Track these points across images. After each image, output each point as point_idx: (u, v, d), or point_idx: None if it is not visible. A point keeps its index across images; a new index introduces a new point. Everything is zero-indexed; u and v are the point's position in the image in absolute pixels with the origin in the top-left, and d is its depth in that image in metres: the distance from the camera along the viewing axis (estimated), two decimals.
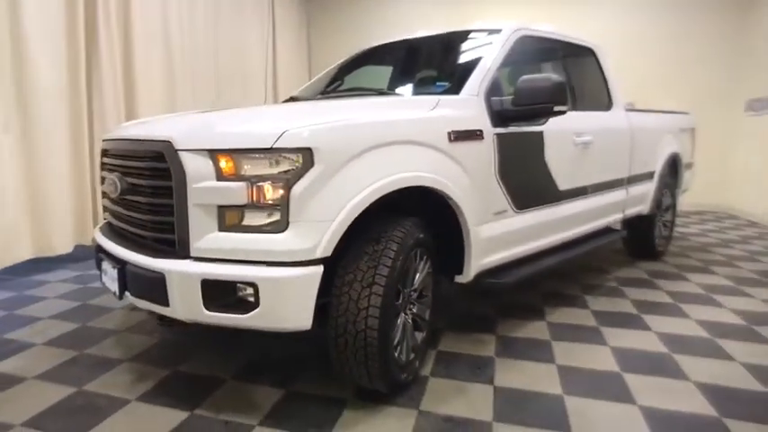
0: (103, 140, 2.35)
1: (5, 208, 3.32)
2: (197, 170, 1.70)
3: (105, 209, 2.33)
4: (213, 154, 1.70)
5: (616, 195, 3.43)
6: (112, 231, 2.22)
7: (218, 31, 5.67)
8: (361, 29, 8.04)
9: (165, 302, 1.76)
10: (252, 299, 1.68)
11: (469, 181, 2.20)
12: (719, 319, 2.90)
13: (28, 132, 3.46)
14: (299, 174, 1.67)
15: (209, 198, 1.70)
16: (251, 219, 1.71)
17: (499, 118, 2.36)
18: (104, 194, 2.31)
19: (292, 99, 3.14)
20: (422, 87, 2.79)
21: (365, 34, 7.99)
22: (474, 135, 2.24)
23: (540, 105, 2.28)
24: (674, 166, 4.24)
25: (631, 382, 2.16)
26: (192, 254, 1.74)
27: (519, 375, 2.21)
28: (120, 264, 1.95)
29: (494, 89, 2.43)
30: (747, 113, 6.47)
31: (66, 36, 3.72)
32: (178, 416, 1.88)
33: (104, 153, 2.31)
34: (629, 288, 3.46)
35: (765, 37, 6.14)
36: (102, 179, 2.31)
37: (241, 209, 1.70)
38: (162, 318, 1.95)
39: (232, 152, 1.69)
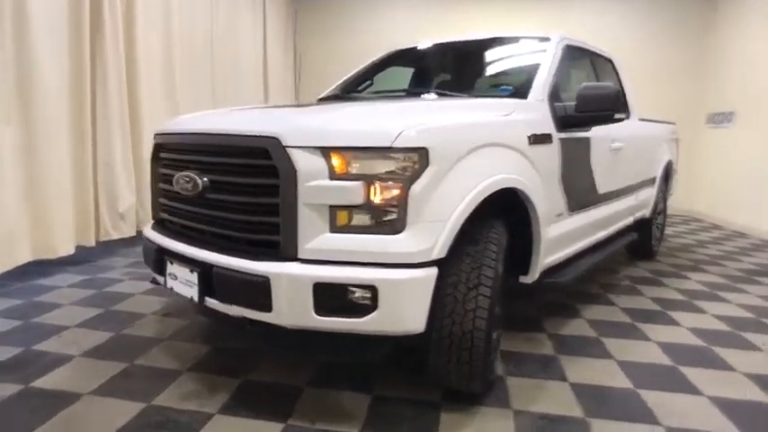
0: (161, 134, 2.19)
1: (3, 207, 3.01)
2: (308, 168, 1.63)
3: (166, 207, 2.17)
4: (326, 152, 1.63)
5: (631, 199, 3.61)
6: (179, 232, 2.07)
7: (214, 23, 5.45)
8: (348, 26, 8.00)
9: (267, 308, 1.67)
10: (368, 302, 1.62)
11: (541, 183, 2.25)
12: (732, 313, 3.13)
13: (28, 125, 3.15)
14: (417, 173, 1.64)
15: (321, 197, 1.63)
16: (366, 219, 1.65)
17: (561, 123, 2.43)
18: (165, 192, 2.15)
19: (336, 97, 3.07)
20: (482, 91, 2.80)
21: (351, 32, 7.97)
22: (546, 139, 2.29)
23: (602, 112, 2.37)
24: (668, 173, 4.53)
25: (688, 374, 2.29)
26: (300, 255, 1.66)
27: (587, 371, 2.28)
28: (202, 267, 1.82)
29: (554, 95, 2.50)
30: (708, 126, 7.04)
31: (70, 25, 3.43)
32: (273, 428, 1.78)
33: (163, 148, 2.16)
34: (643, 286, 3.65)
35: (723, 59, 6.71)
36: (162, 176, 2.17)
37: (355, 209, 1.64)
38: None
39: (347, 150, 1.63)
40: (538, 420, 1.88)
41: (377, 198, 1.63)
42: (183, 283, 1.92)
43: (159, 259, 2.06)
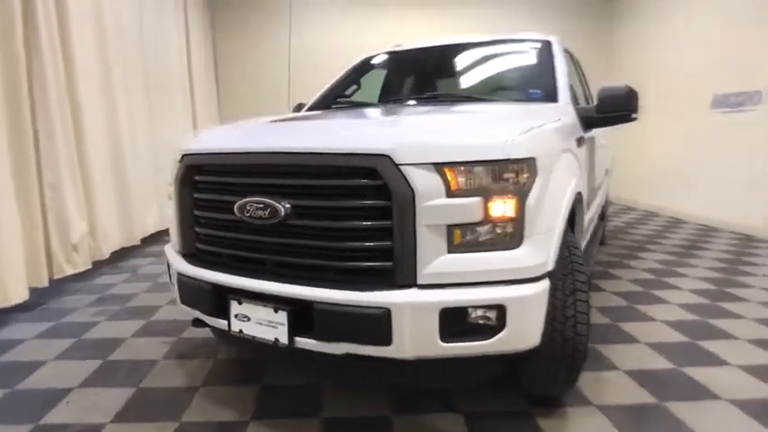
0: (196, 153, 1.89)
1: None
2: (426, 187, 1.52)
3: (211, 238, 1.88)
4: (440, 168, 1.54)
5: (603, 190, 3.92)
6: (240, 266, 1.81)
7: (143, 26, 4.85)
8: (266, 32, 7.69)
9: (386, 341, 1.54)
10: (495, 322, 1.57)
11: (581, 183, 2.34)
12: (700, 286, 3.55)
13: None
14: (529, 184, 1.61)
15: (441, 217, 1.53)
16: (484, 236, 1.58)
17: (586, 124, 2.54)
18: (210, 221, 1.87)
19: (354, 104, 2.90)
20: (505, 95, 2.80)
21: (270, 36, 7.68)
22: (583, 141, 2.39)
23: (621, 113, 2.52)
24: (611, 164, 4.99)
25: (708, 347, 2.55)
26: (419, 281, 1.54)
27: (628, 358, 2.43)
28: (293, 304, 1.62)
29: (573, 97, 2.61)
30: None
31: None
32: None
33: (203, 170, 1.88)
34: (615, 269, 4.00)
35: (623, 49, 7.55)
36: (204, 202, 1.88)
37: (472, 226, 1.57)
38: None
39: (463, 165, 1.55)
40: (625, 411, 1.96)
41: (496, 213, 1.57)
42: (262, 324, 1.69)
43: (217, 299, 1.79)
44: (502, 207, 1.57)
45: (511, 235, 1.59)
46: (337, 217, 1.61)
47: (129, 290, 3.45)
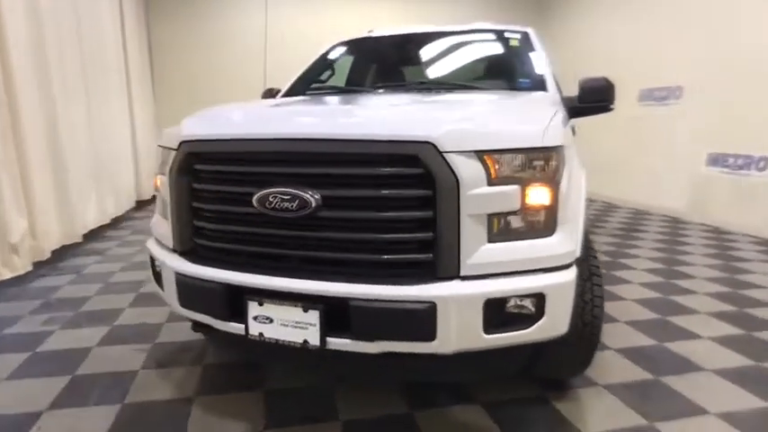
0: (200, 140, 1.69)
1: None
2: (470, 175, 1.46)
3: (218, 233, 1.69)
4: (481, 155, 1.49)
5: None
6: (254, 263, 1.64)
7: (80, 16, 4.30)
8: (200, 17, 7.23)
9: (430, 336, 1.48)
10: (533, 311, 1.56)
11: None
12: (654, 265, 3.83)
13: None
14: (561, 172, 1.61)
15: (483, 206, 1.49)
16: (521, 224, 1.56)
17: (571, 113, 2.60)
18: (219, 214, 1.68)
19: (341, 90, 2.74)
20: (491, 83, 2.77)
21: (204, 22, 7.26)
22: (575, 130, 2.44)
23: (601, 103, 2.61)
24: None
25: (677, 322, 2.75)
26: (461, 273, 1.49)
27: (614, 336, 2.55)
28: (326, 302, 1.51)
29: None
30: None
31: None
32: None
33: (207, 158, 1.68)
34: None
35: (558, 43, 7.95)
36: (212, 194, 1.69)
37: (511, 215, 1.54)
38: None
39: (503, 152, 1.51)
40: (628, 388, 2.06)
41: (533, 201, 1.55)
42: (288, 325, 1.55)
43: (231, 301, 1.61)
44: (538, 195, 1.55)
45: (546, 223, 1.58)
46: (372, 207, 1.50)
47: (78, 293, 3.06)
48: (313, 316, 1.52)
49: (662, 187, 6.12)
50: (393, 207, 1.50)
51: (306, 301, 1.53)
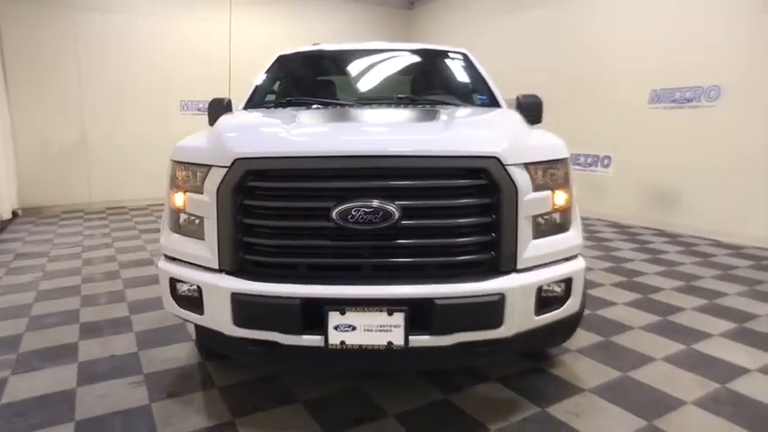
0: (261, 158, 1.66)
1: None
2: (524, 184, 1.74)
3: (283, 249, 1.68)
4: (527, 167, 1.77)
5: None
6: (326, 275, 1.68)
7: None
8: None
9: (497, 324, 1.72)
10: (562, 293, 1.90)
11: None
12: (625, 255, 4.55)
13: None
14: (571, 178, 1.98)
15: (532, 209, 1.78)
16: (551, 223, 1.89)
17: None
18: (288, 231, 1.68)
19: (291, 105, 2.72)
20: (460, 98, 2.95)
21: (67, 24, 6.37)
22: None
23: (536, 117, 3.06)
24: None
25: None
26: (518, 266, 1.76)
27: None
28: (411, 304, 1.64)
29: None
30: None
31: None
32: None
33: (270, 176, 1.67)
34: None
35: None
36: (276, 211, 1.68)
37: (545, 215, 1.86)
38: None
39: (541, 164, 1.82)
40: (595, 350, 2.54)
41: (558, 202, 1.89)
42: (372, 330, 1.65)
43: (309, 314, 1.63)
44: (561, 197, 1.90)
45: (566, 220, 1.94)
46: (445, 215, 1.70)
47: (3, 330, 2.55)
48: (398, 318, 1.64)
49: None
50: (463, 214, 1.71)
51: (390, 304, 1.64)
